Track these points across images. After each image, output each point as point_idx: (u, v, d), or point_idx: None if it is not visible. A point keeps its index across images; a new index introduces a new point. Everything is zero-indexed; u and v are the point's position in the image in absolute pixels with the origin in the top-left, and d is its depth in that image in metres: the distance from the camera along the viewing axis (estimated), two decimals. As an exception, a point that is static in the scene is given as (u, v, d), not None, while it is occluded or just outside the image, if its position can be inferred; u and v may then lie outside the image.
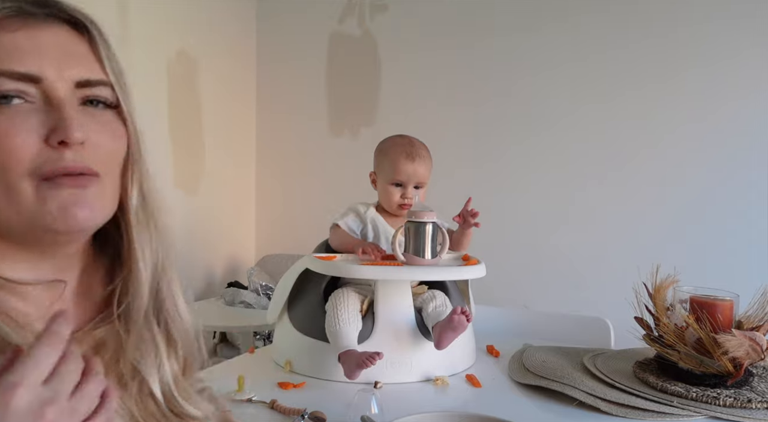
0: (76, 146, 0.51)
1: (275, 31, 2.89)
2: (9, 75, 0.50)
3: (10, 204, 0.51)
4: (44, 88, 0.51)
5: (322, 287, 1.27)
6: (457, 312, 1.12)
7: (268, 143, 2.95)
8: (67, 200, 0.52)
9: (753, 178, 2.04)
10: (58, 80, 0.52)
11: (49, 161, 0.51)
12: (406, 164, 1.30)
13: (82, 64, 0.54)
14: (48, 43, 0.53)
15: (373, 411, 0.93)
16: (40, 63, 0.52)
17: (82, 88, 0.54)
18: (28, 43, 0.52)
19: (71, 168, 0.51)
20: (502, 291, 1.90)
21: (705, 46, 2.10)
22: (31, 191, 0.51)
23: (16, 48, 0.51)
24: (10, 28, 0.52)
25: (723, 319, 1.08)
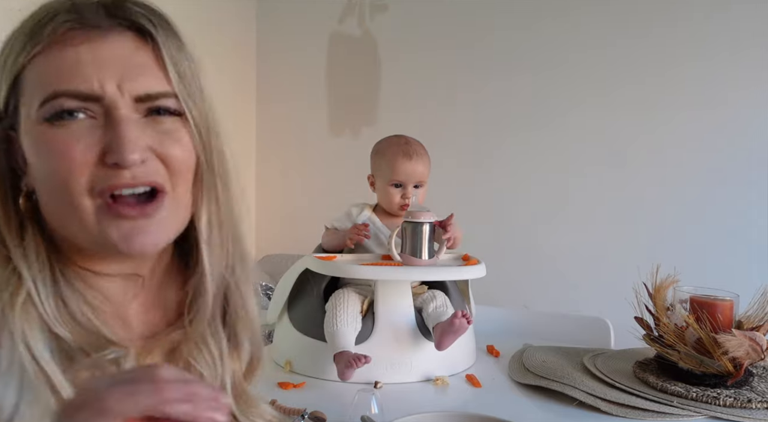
0: (136, 164, 0.51)
1: (275, 31, 2.89)
2: (71, 95, 0.50)
3: (73, 222, 0.52)
4: (105, 104, 0.51)
5: (322, 287, 1.27)
6: (458, 316, 1.12)
7: (269, 143, 2.95)
8: (130, 231, 0.52)
9: (753, 178, 2.04)
10: (119, 97, 0.51)
11: (104, 179, 0.51)
12: (404, 164, 1.29)
13: (143, 76, 0.53)
14: (109, 57, 0.52)
15: (373, 411, 0.93)
16: (101, 80, 0.51)
17: (144, 103, 0.53)
18: (89, 58, 0.51)
19: (129, 185, 0.51)
20: (502, 291, 1.90)
21: (705, 46, 2.10)
22: (92, 211, 0.51)
23: (78, 64, 0.51)
24: (72, 41, 0.51)
25: (723, 319, 1.08)
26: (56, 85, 0.50)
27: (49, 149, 0.50)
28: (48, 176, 0.51)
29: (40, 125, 0.51)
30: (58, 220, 0.53)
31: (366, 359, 1.08)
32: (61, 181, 0.50)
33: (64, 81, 0.50)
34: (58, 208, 0.52)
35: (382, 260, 1.26)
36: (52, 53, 0.51)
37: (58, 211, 0.52)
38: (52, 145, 0.50)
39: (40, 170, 0.52)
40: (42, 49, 0.51)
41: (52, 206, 0.53)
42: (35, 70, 0.51)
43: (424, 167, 1.32)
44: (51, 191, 0.52)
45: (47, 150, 0.50)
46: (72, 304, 0.52)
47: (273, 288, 1.41)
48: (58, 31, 0.51)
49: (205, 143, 0.56)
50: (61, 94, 0.50)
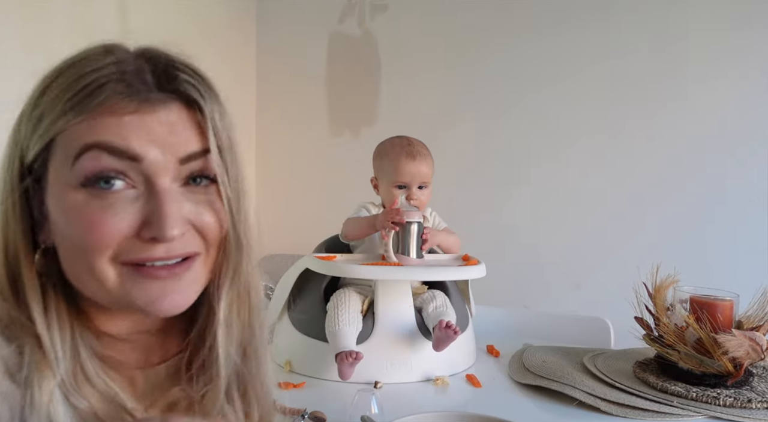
0: (176, 239, 0.50)
1: (275, 31, 2.89)
2: (109, 149, 0.48)
3: (95, 285, 0.51)
4: (145, 169, 0.49)
5: (322, 287, 1.27)
6: (441, 327, 1.13)
7: (268, 143, 2.95)
8: (159, 293, 0.51)
9: (753, 178, 2.04)
10: (161, 162, 0.50)
11: (135, 251, 0.49)
12: (408, 164, 1.27)
13: (187, 140, 0.51)
14: (155, 125, 0.50)
15: (373, 411, 0.93)
16: (145, 143, 0.49)
17: (186, 164, 0.51)
18: (135, 125, 0.49)
19: (163, 258, 0.50)
20: (502, 291, 1.90)
21: (707, 47, 2.10)
22: (115, 277, 0.50)
23: (122, 127, 0.49)
24: (120, 111, 0.49)
25: (723, 319, 1.08)
26: (93, 138, 0.48)
27: (80, 217, 0.49)
28: (72, 240, 0.50)
29: (74, 190, 0.49)
30: (77, 280, 0.52)
31: (357, 355, 1.09)
32: (85, 248, 0.49)
33: (103, 135, 0.49)
34: (78, 269, 0.51)
35: (382, 260, 1.26)
36: (96, 121, 0.49)
37: (77, 272, 0.51)
38: (84, 214, 0.49)
39: (65, 231, 0.50)
40: (85, 118, 0.49)
41: (72, 266, 0.51)
42: (73, 134, 0.49)
43: (427, 167, 1.30)
44: (73, 254, 0.50)
45: (78, 218, 0.49)
46: (89, 369, 0.51)
47: (273, 288, 1.41)
48: (106, 103, 0.49)
49: (235, 213, 0.55)
50: (95, 146, 0.48)
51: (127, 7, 2.21)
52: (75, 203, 0.49)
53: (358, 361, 1.09)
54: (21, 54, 1.79)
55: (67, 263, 0.52)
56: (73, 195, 0.49)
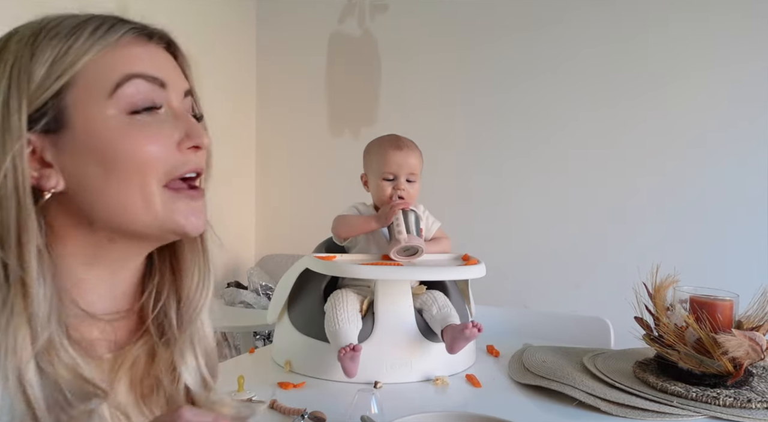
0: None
1: (275, 31, 2.89)
2: (145, 77, 0.55)
3: (141, 208, 0.55)
4: (168, 96, 0.57)
5: (322, 287, 1.27)
6: (468, 327, 1.13)
7: (268, 143, 2.95)
8: (193, 209, 0.57)
9: (753, 177, 2.04)
10: (175, 90, 0.58)
11: (182, 164, 0.56)
12: (395, 155, 1.27)
13: (182, 78, 0.60)
14: (163, 60, 0.59)
15: (373, 411, 0.93)
16: (166, 73, 0.57)
17: (186, 98, 0.60)
18: (157, 57, 0.58)
19: (198, 170, 0.58)
20: (502, 291, 1.90)
21: (707, 47, 2.10)
22: (160, 198, 0.55)
23: (146, 55, 0.57)
24: (137, 44, 0.57)
25: (723, 319, 1.08)
26: (129, 69, 0.55)
27: (131, 140, 0.54)
28: (119, 168, 0.53)
29: (124, 117, 0.54)
30: (114, 211, 0.55)
31: (355, 347, 1.08)
32: (139, 171, 0.54)
33: (137, 66, 0.55)
34: (122, 198, 0.54)
35: (382, 260, 1.26)
36: (119, 52, 0.55)
37: (120, 201, 0.54)
38: (134, 137, 0.54)
39: (106, 162, 0.53)
40: (111, 49, 0.55)
41: (112, 197, 0.54)
42: (105, 65, 0.54)
43: (415, 159, 1.29)
44: (119, 182, 0.54)
45: (129, 142, 0.53)
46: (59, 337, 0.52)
47: (273, 288, 1.41)
48: (127, 36, 0.56)
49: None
50: (135, 76, 0.55)
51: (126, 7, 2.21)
52: (122, 128, 0.54)
53: (357, 353, 1.09)
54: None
55: (99, 196, 0.54)
56: (118, 122, 0.54)
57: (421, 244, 1.22)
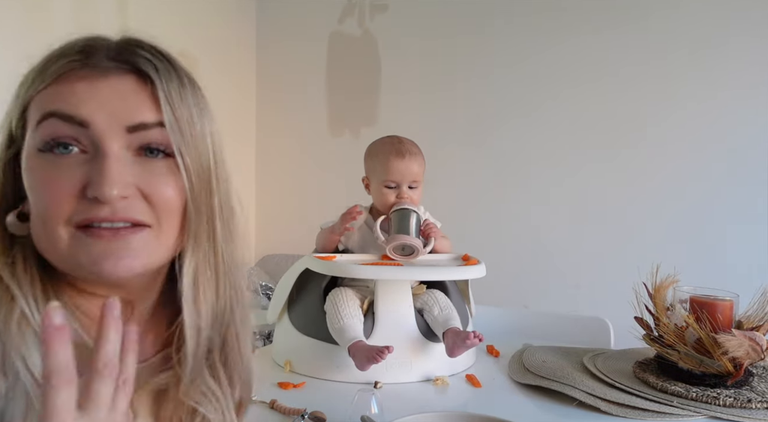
0: (116, 200, 0.51)
1: (275, 31, 2.89)
2: (60, 116, 0.52)
3: (51, 249, 0.53)
4: (92, 134, 0.52)
5: (322, 287, 1.27)
6: (470, 337, 1.13)
7: (268, 143, 2.95)
8: (99, 253, 0.52)
9: (753, 177, 2.04)
10: (108, 127, 0.52)
11: (83, 212, 0.51)
12: (398, 163, 1.27)
13: (138, 110, 0.54)
14: (106, 93, 0.53)
15: (373, 411, 0.93)
16: (92, 108, 0.52)
17: (134, 133, 0.53)
18: (85, 91, 0.53)
19: (107, 219, 0.52)
20: (502, 291, 1.90)
21: (708, 47, 2.10)
22: (66, 239, 0.52)
23: (73, 93, 0.53)
24: (73, 79, 0.53)
25: (723, 319, 1.08)
26: (49, 107, 0.53)
27: (37, 178, 0.52)
28: (34, 204, 0.53)
29: (35, 154, 0.53)
30: (38, 243, 0.54)
31: (388, 349, 1.07)
32: (43, 210, 0.52)
33: (57, 104, 0.53)
34: (38, 232, 0.54)
35: (382, 260, 1.26)
36: (54, 88, 0.53)
37: (38, 234, 0.54)
38: (40, 175, 0.52)
39: (31, 197, 0.53)
40: (46, 85, 0.53)
41: (36, 231, 0.54)
42: (38, 102, 0.54)
43: (418, 166, 1.29)
44: (35, 218, 0.53)
45: (36, 179, 0.52)
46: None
47: (273, 288, 1.41)
48: (62, 70, 0.53)
49: (196, 187, 0.56)
50: (51, 115, 0.52)
51: (126, 7, 2.21)
52: (33, 166, 0.53)
53: (389, 354, 1.07)
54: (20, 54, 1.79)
55: (33, 228, 0.54)
56: (33, 159, 0.53)
57: (416, 243, 1.22)
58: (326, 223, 1.34)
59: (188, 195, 0.55)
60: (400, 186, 1.29)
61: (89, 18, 2.06)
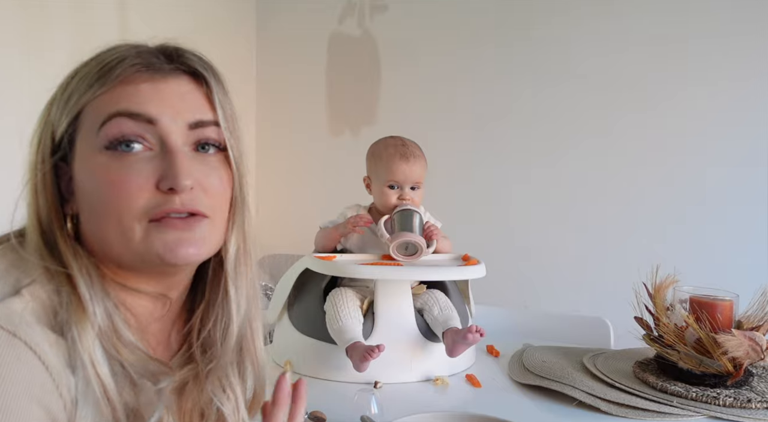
0: (185, 192, 0.56)
1: (275, 31, 2.89)
2: (127, 114, 0.56)
3: (122, 242, 0.56)
4: (159, 131, 0.56)
5: (322, 287, 1.27)
6: (472, 331, 1.13)
7: (268, 143, 2.95)
8: (176, 241, 0.56)
9: (753, 177, 2.04)
10: (172, 123, 0.57)
11: (158, 205, 0.56)
12: (401, 165, 1.28)
13: (195, 108, 0.59)
14: (167, 92, 0.58)
15: (373, 411, 0.93)
16: (158, 108, 0.57)
17: (194, 130, 0.58)
18: (150, 93, 0.57)
19: (179, 210, 0.56)
20: (502, 291, 1.90)
21: (707, 46, 2.10)
22: (142, 232, 0.56)
23: (139, 95, 0.57)
24: (137, 80, 0.57)
25: (723, 319, 1.08)
26: (115, 108, 0.56)
27: (106, 179, 0.55)
28: (101, 202, 0.56)
29: (100, 154, 0.56)
30: (103, 241, 0.57)
31: (379, 348, 1.08)
32: (115, 207, 0.55)
33: (123, 104, 0.56)
34: (105, 229, 0.56)
35: (382, 260, 1.26)
36: (117, 90, 0.57)
37: (104, 232, 0.57)
38: (110, 175, 0.55)
39: (93, 195, 0.56)
40: (108, 89, 0.57)
41: (99, 227, 0.57)
42: (98, 105, 0.57)
43: (420, 168, 1.30)
44: (101, 215, 0.56)
45: (105, 180, 0.55)
46: (116, 321, 0.56)
47: (273, 288, 1.41)
48: (125, 73, 0.57)
49: (240, 178, 0.62)
50: (118, 114, 0.56)
51: (126, 7, 2.21)
52: (101, 165, 0.56)
53: (381, 352, 1.08)
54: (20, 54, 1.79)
55: (94, 226, 0.57)
56: (99, 158, 0.56)
57: (421, 242, 1.22)
58: (326, 223, 1.34)
59: (236, 186, 0.61)
60: (402, 188, 1.30)
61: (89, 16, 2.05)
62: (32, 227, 0.58)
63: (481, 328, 1.13)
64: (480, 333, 1.13)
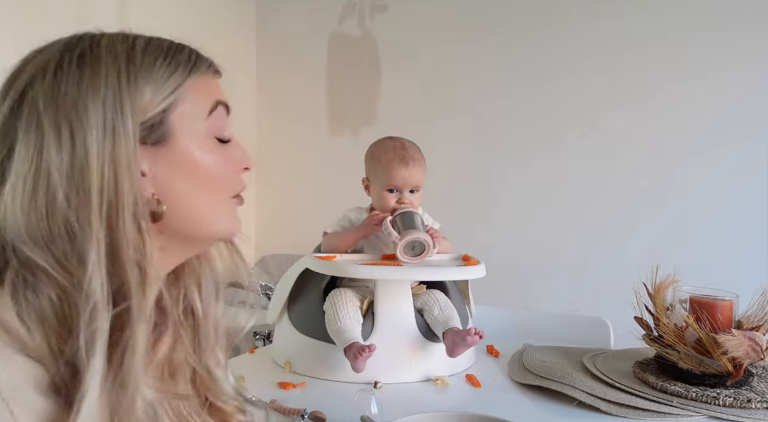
0: None
1: (275, 31, 2.89)
2: (225, 105, 0.64)
3: (214, 217, 0.62)
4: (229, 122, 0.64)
5: (322, 287, 1.27)
6: (471, 333, 1.13)
7: (268, 143, 2.95)
8: (237, 217, 0.66)
9: (753, 177, 2.04)
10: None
11: (239, 184, 0.65)
12: (400, 169, 1.26)
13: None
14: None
15: (373, 411, 0.93)
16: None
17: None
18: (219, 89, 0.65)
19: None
20: (502, 291, 1.90)
21: (708, 47, 2.10)
22: (232, 207, 0.65)
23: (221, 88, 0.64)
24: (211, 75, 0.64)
25: (723, 319, 1.08)
26: (217, 96, 0.63)
27: (216, 162, 0.61)
28: (205, 184, 0.61)
29: (209, 140, 0.61)
30: (197, 222, 0.61)
31: (370, 348, 1.08)
32: (220, 187, 0.62)
33: (220, 95, 0.64)
34: (202, 212, 0.61)
35: (382, 260, 1.26)
36: (208, 80, 0.63)
37: (200, 215, 0.61)
38: (219, 159, 0.61)
39: (194, 178, 0.60)
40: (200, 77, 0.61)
41: (196, 211, 0.60)
42: (200, 89, 0.61)
43: (420, 172, 1.29)
44: (200, 195, 0.60)
45: (215, 163, 0.61)
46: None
47: (273, 288, 1.41)
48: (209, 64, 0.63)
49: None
50: (222, 103, 0.63)
51: (126, 7, 2.22)
52: (211, 148, 0.61)
53: (371, 353, 1.08)
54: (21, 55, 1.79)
55: (185, 207, 0.60)
56: (211, 145, 0.61)
57: (428, 239, 1.21)
58: (334, 228, 1.33)
59: None
60: (401, 192, 1.29)
61: (88, 14, 2.06)
62: None
63: (481, 331, 1.13)
64: (479, 335, 1.13)
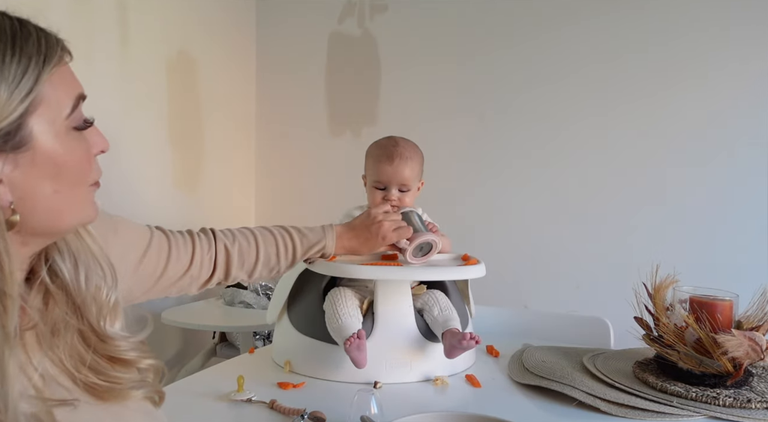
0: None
1: (275, 31, 2.89)
2: (83, 96, 0.60)
3: (74, 208, 0.60)
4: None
5: (322, 287, 1.27)
6: (466, 338, 1.13)
7: (268, 143, 2.95)
8: (94, 203, 0.64)
9: (753, 177, 2.04)
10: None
11: (97, 170, 0.63)
12: (385, 166, 1.28)
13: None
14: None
15: (373, 411, 0.93)
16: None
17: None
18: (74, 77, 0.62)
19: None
20: (502, 291, 1.90)
21: (709, 47, 2.10)
22: (89, 200, 0.63)
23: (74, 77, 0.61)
24: (64, 59, 0.59)
25: (723, 319, 1.08)
26: (78, 89, 0.60)
27: (77, 152, 0.59)
28: (66, 175, 0.58)
29: (71, 131, 0.58)
30: (59, 215, 0.59)
31: (358, 335, 1.08)
32: (80, 178, 0.60)
33: (79, 86, 0.60)
34: (64, 203, 0.59)
35: (382, 260, 1.26)
36: (62, 70, 0.58)
37: (61, 206, 0.59)
38: (79, 150, 0.59)
39: (58, 176, 0.57)
40: (60, 68, 0.57)
41: (56, 203, 0.58)
42: (60, 84, 0.57)
43: (410, 170, 1.29)
44: (61, 190, 0.58)
45: (76, 153, 0.59)
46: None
47: (273, 288, 1.41)
48: (62, 54, 0.58)
49: None
50: (83, 96, 0.60)
51: (126, 7, 2.21)
52: (72, 142, 0.59)
53: (362, 341, 1.09)
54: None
55: (47, 205, 0.57)
56: (71, 136, 0.58)
57: (436, 239, 1.21)
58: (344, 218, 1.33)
59: None
60: (388, 189, 1.30)
61: (88, 15, 2.06)
62: None
63: (477, 336, 1.14)
64: (475, 340, 1.13)
